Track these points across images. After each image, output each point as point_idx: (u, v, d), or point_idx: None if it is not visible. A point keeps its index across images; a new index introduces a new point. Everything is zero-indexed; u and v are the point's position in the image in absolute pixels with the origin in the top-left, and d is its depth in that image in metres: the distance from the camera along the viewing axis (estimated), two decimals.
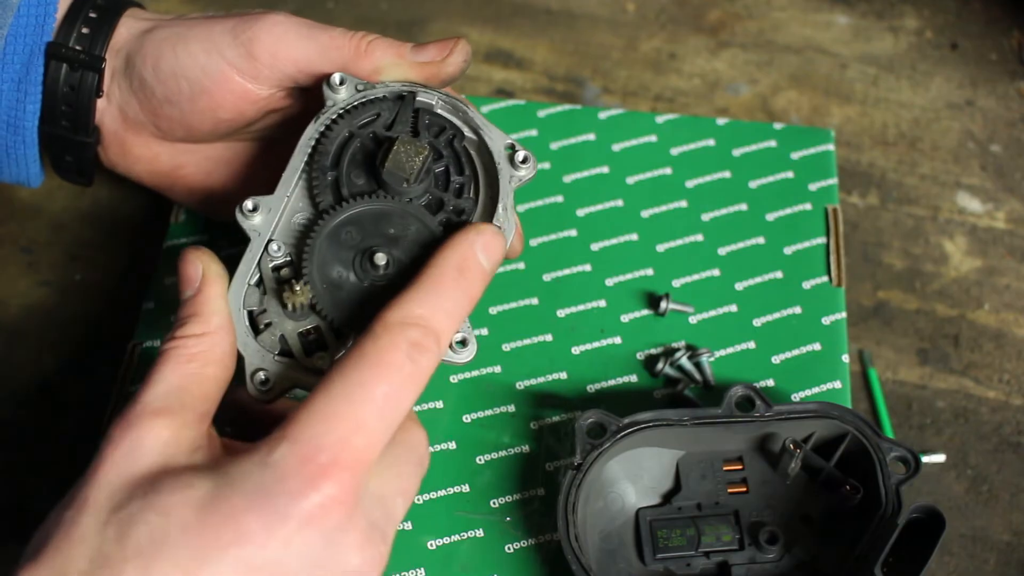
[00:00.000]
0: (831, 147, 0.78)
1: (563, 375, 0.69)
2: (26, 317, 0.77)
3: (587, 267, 0.73)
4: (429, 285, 0.52)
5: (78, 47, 0.63)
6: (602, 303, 0.72)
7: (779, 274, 0.73)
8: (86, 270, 0.79)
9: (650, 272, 0.73)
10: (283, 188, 0.58)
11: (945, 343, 0.77)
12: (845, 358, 0.70)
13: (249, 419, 0.57)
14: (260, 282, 0.57)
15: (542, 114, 0.80)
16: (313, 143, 0.59)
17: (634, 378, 0.69)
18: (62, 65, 0.62)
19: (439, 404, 0.67)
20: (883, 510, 0.60)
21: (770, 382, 0.69)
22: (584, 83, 0.89)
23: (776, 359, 0.70)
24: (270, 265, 0.57)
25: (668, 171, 0.77)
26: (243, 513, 0.45)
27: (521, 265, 0.73)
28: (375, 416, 0.47)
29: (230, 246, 0.74)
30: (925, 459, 0.72)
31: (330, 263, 0.57)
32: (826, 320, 0.71)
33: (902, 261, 0.80)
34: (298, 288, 0.55)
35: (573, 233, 0.75)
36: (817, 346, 0.70)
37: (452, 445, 0.66)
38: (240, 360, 0.55)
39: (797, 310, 0.72)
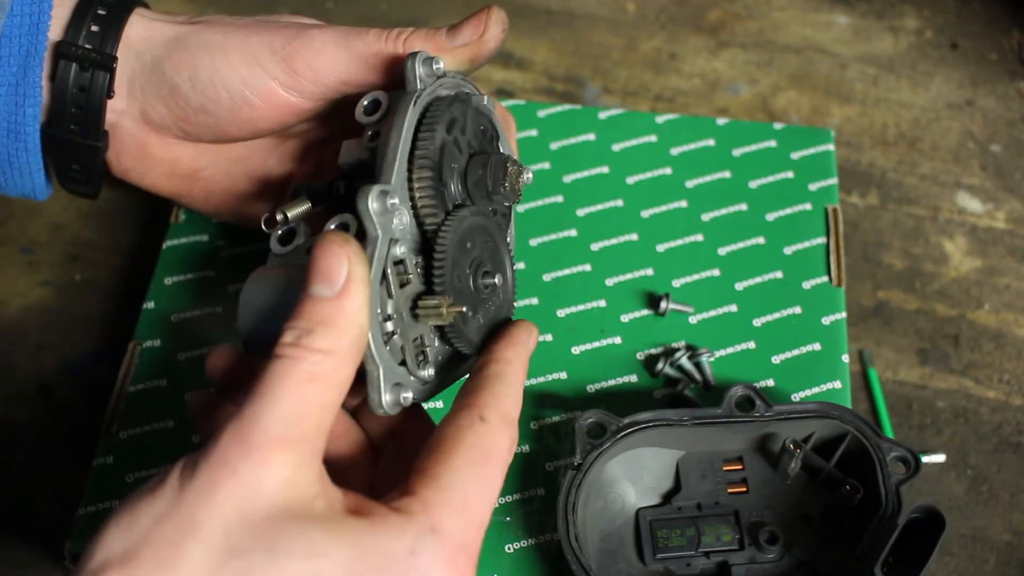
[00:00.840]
0: (831, 147, 0.78)
1: (563, 375, 0.69)
2: (26, 317, 0.77)
3: (587, 267, 0.73)
4: (512, 381, 0.54)
5: (88, 46, 0.60)
6: (602, 303, 0.72)
7: (779, 274, 0.73)
8: (86, 270, 0.79)
9: (650, 272, 0.73)
10: (398, 178, 0.53)
11: (945, 343, 0.77)
12: (845, 358, 0.70)
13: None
14: (381, 281, 0.52)
15: (542, 114, 0.80)
16: (414, 131, 0.55)
17: (634, 378, 0.69)
18: (72, 65, 0.60)
19: (439, 404, 0.67)
20: (883, 510, 0.60)
21: (770, 382, 0.69)
22: (584, 83, 0.89)
23: (776, 359, 0.70)
24: (393, 263, 0.52)
25: (668, 171, 0.77)
26: None
27: (521, 265, 0.73)
28: (490, 510, 0.50)
29: (230, 247, 0.74)
30: (925, 459, 0.72)
31: (459, 275, 0.54)
32: (826, 320, 0.71)
33: (902, 261, 0.80)
34: (452, 307, 0.52)
35: (573, 233, 0.75)
36: (817, 346, 0.70)
37: None
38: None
39: (797, 310, 0.72)
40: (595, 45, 0.91)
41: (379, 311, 0.51)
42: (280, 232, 0.58)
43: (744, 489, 0.64)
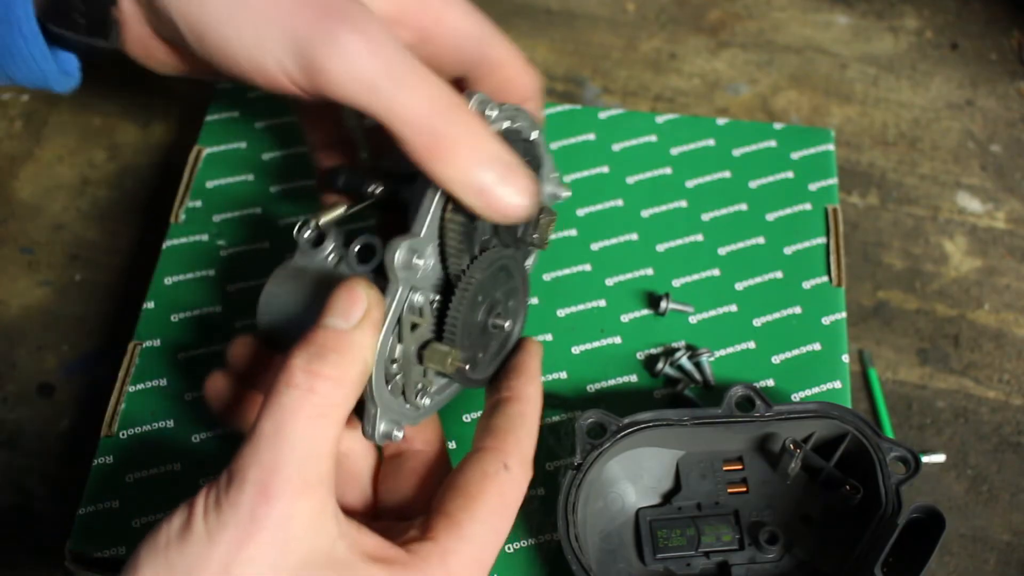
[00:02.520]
0: (831, 147, 0.78)
1: (563, 375, 0.69)
2: (26, 317, 0.77)
3: (587, 267, 0.73)
4: (532, 421, 0.56)
5: None
6: (602, 303, 0.72)
7: (779, 274, 0.73)
8: (86, 270, 0.79)
9: (650, 272, 0.73)
10: (427, 230, 0.53)
11: (945, 343, 0.77)
12: (845, 358, 0.70)
13: None
14: (394, 329, 0.53)
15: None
16: None
17: (634, 378, 0.69)
18: None
19: None
20: (883, 510, 0.60)
21: (770, 382, 0.69)
22: (584, 83, 0.89)
23: (776, 359, 0.70)
24: (408, 311, 0.53)
25: (668, 171, 0.77)
26: None
27: None
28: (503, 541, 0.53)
29: (230, 246, 0.74)
30: (925, 459, 0.72)
31: (470, 326, 0.55)
32: (826, 320, 0.71)
33: (902, 261, 0.80)
34: (453, 358, 0.54)
35: (573, 233, 0.75)
36: (817, 346, 0.70)
37: (452, 445, 0.66)
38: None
39: (797, 310, 0.72)
40: (595, 45, 0.91)
41: (386, 356, 0.52)
42: (309, 234, 0.57)
43: (744, 489, 0.64)
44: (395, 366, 0.53)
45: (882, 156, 0.85)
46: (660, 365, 0.69)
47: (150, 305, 0.72)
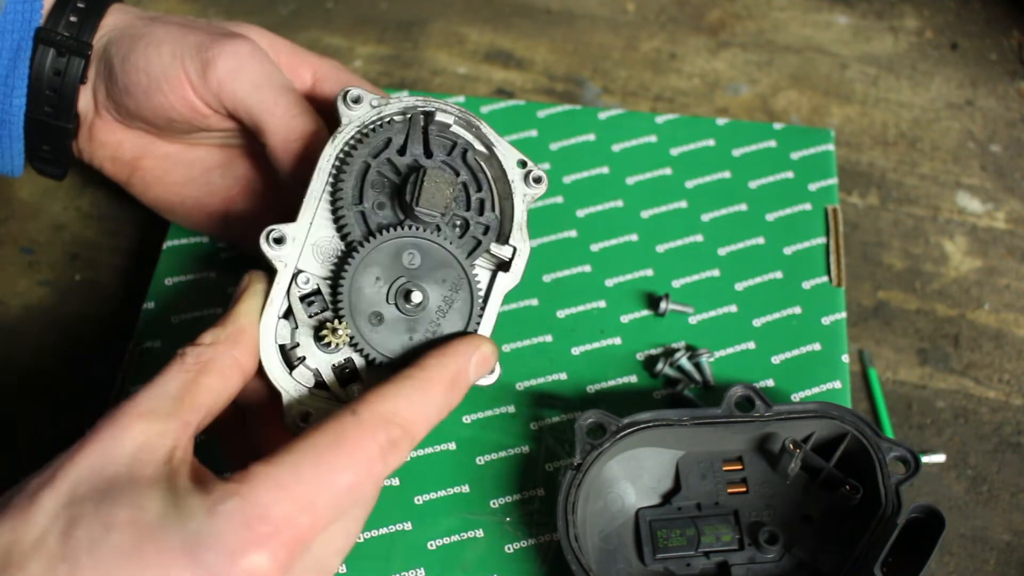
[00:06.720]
0: (831, 147, 0.79)
1: (563, 375, 0.69)
2: (26, 317, 0.77)
3: (587, 268, 0.73)
4: (421, 388, 0.52)
5: (66, 33, 0.64)
6: (602, 304, 0.72)
7: (779, 274, 0.73)
8: (86, 270, 0.79)
9: (650, 272, 0.73)
10: (305, 216, 0.57)
11: (945, 343, 0.77)
12: (845, 358, 0.70)
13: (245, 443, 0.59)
14: (288, 314, 0.57)
15: (542, 114, 0.80)
16: (333, 167, 0.58)
17: (634, 378, 0.69)
18: (49, 50, 0.64)
19: None
20: (883, 510, 0.60)
21: (770, 382, 0.69)
22: (584, 83, 0.89)
23: (776, 359, 0.70)
24: (298, 296, 0.56)
25: (668, 171, 0.77)
26: (173, 556, 0.45)
27: None
28: (330, 503, 0.48)
29: (230, 248, 0.74)
30: (925, 459, 0.72)
31: (365, 299, 0.56)
32: (826, 320, 0.71)
33: (902, 261, 0.80)
34: (339, 328, 0.55)
35: (573, 234, 0.75)
36: (817, 346, 0.70)
37: (452, 446, 0.66)
38: (276, 393, 0.56)
39: (797, 310, 0.72)
40: (595, 45, 0.91)
41: (280, 341, 0.56)
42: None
43: (744, 489, 0.64)
44: (299, 351, 0.56)
45: (882, 156, 0.85)
46: (660, 366, 0.69)
47: (150, 305, 0.72)
